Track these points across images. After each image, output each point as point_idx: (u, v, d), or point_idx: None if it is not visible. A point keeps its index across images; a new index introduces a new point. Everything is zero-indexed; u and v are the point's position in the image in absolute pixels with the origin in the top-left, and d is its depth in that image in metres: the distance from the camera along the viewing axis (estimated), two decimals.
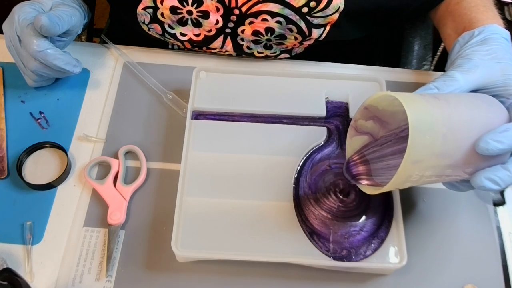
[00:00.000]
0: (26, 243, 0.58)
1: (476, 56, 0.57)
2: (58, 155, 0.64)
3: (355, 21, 0.69)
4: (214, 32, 0.70)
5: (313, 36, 0.68)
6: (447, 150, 0.46)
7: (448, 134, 0.46)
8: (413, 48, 0.85)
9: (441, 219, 0.61)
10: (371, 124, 0.56)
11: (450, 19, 0.67)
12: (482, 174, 0.48)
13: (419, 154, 0.45)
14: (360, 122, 0.56)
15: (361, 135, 0.56)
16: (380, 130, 0.56)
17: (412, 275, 0.57)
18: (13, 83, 0.69)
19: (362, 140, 0.57)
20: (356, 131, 0.56)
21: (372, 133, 0.56)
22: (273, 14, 0.66)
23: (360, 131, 0.56)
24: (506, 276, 0.58)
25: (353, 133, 0.56)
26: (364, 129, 0.56)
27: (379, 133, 0.56)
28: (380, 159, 0.55)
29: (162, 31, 0.70)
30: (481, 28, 0.60)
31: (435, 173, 0.48)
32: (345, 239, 0.56)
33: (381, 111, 0.54)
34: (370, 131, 0.56)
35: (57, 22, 0.60)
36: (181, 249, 0.55)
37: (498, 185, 0.47)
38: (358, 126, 0.56)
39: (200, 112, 0.64)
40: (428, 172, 0.47)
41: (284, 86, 0.67)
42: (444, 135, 0.46)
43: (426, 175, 0.47)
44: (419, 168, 0.46)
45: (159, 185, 0.62)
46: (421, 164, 0.46)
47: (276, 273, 0.57)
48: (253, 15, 0.66)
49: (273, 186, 0.59)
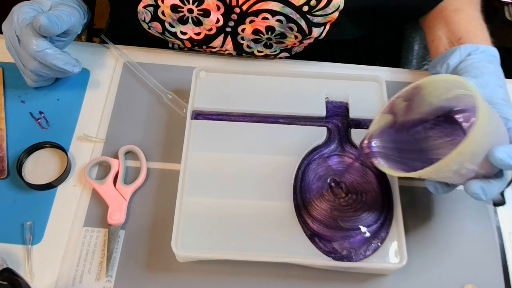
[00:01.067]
0: (26, 243, 0.58)
1: (486, 72, 0.58)
2: (58, 155, 0.64)
3: (354, 20, 0.69)
4: (214, 31, 0.70)
5: (313, 35, 0.68)
6: (478, 151, 0.47)
7: (485, 136, 0.47)
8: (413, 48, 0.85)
9: (441, 219, 0.61)
10: (403, 105, 0.55)
11: (443, 23, 0.68)
12: (479, 183, 0.49)
13: (470, 147, 0.45)
14: (398, 100, 0.55)
15: (388, 114, 0.56)
16: (403, 114, 0.56)
17: (412, 275, 0.57)
18: (13, 83, 0.69)
19: (387, 119, 0.56)
20: (391, 108, 0.56)
21: (396, 114, 0.56)
22: (273, 13, 0.66)
23: (391, 110, 0.56)
24: (506, 276, 0.58)
25: (388, 109, 0.56)
26: (394, 108, 0.56)
27: (400, 117, 0.56)
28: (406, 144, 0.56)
29: (163, 29, 0.70)
30: (485, 47, 0.61)
31: (457, 168, 0.48)
32: (345, 239, 0.56)
33: (420, 96, 0.54)
34: (397, 112, 0.56)
35: (56, 22, 0.60)
36: (181, 249, 0.55)
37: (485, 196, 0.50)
38: (395, 104, 0.55)
39: (200, 112, 0.64)
40: (455, 166, 0.47)
41: (284, 86, 0.67)
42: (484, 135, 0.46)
43: (453, 169, 0.48)
44: (457, 161, 0.46)
45: (159, 185, 0.62)
46: (460, 157, 0.46)
47: (276, 273, 0.57)
48: (253, 14, 0.66)
49: (273, 186, 0.59)
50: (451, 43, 0.66)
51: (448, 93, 0.53)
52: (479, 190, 0.49)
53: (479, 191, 0.49)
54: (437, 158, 0.47)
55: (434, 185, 0.54)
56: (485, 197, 0.50)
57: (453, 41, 0.65)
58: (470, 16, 0.67)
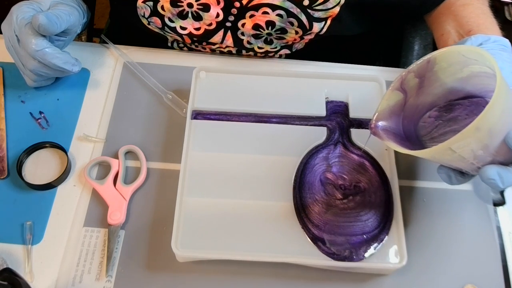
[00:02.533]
0: (26, 243, 0.58)
1: (499, 59, 0.57)
2: (58, 155, 0.64)
3: (356, 15, 0.69)
4: (214, 26, 0.70)
5: (314, 30, 0.68)
6: (496, 130, 0.45)
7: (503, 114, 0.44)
8: (413, 48, 0.85)
9: (441, 219, 0.61)
10: (415, 82, 0.54)
11: (452, 18, 0.67)
12: (496, 168, 0.47)
13: (488, 122, 0.43)
14: (410, 76, 0.53)
15: (399, 92, 0.54)
16: (415, 93, 0.54)
17: (412, 275, 0.57)
18: (13, 83, 0.69)
19: (398, 97, 0.55)
20: (401, 84, 0.54)
21: (407, 93, 0.55)
22: (273, 7, 0.66)
23: (402, 87, 0.54)
24: (506, 276, 0.58)
25: (398, 85, 0.54)
26: (405, 86, 0.54)
27: (411, 98, 0.54)
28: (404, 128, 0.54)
29: (162, 24, 0.70)
30: (497, 37, 0.60)
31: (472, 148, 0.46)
32: (345, 239, 0.56)
33: (433, 73, 0.52)
34: (408, 90, 0.54)
35: (55, 21, 0.60)
36: (181, 249, 0.55)
37: (502, 184, 0.47)
38: (406, 79, 0.53)
39: (200, 112, 0.64)
40: (470, 146, 0.45)
41: (284, 86, 0.67)
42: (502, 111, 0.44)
43: (468, 149, 0.45)
44: (473, 138, 0.44)
45: (159, 185, 0.62)
46: (478, 134, 0.44)
47: (276, 273, 0.57)
48: (253, 8, 0.66)
49: (273, 186, 0.59)
50: (461, 36, 0.64)
51: (463, 71, 0.50)
52: (496, 175, 0.47)
53: (496, 176, 0.47)
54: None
55: (447, 173, 0.52)
56: (502, 184, 0.47)
57: (462, 34, 0.64)
58: (479, 9, 0.66)
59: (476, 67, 0.49)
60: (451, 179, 0.52)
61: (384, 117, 0.55)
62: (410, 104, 0.55)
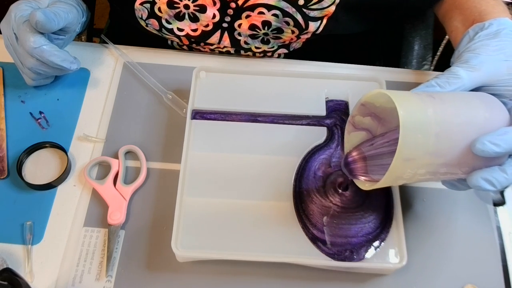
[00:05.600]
0: (26, 243, 0.58)
1: (484, 51, 0.56)
2: (58, 155, 0.64)
3: (352, 14, 0.69)
4: (211, 27, 0.70)
5: (310, 29, 0.68)
6: (440, 149, 0.46)
7: (441, 133, 0.46)
8: (413, 48, 0.85)
9: (441, 219, 0.61)
10: (369, 120, 0.55)
11: (457, 12, 0.67)
12: (479, 174, 0.48)
13: (411, 152, 0.45)
14: (357, 118, 0.55)
15: (359, 131, 0.56)
16: (378, 127, 0.56)
17: (412, 275, 0.57)
18: (13, 83, 0.69)
19: (360, 136, 0.56)
20: (354, 127, 0.56)
21: (371, 130, 0.56)
22: (269, 7, 0.66)
23: (358, 127, 0.56)
24: (506, 276, 0.58)
25: (351, 128, 0.56)
26: (362, 125, 0.56)
27: (377, 130, 0.56)
28: (377, 156, 0.55)
29: (160, 26, 0.70)
30: (491, 21, 0.59)
31: (428, 171, 0.47)
32: (345, 239, 0.56)
33: (379, 108, 0.54)
34: (369, 128, 0.56)
35: (52, 18, 0.60)
36: (181, 249, 0.55)
37: (494, 186, 0.47)
38: (355, 122, 0.56)
39: (200, 112, 0.64)
40: (421, 170, 0.47)
41: (284, 86, 0.67)
42: (437, 134, 0.45)
43: (420, 173, 0.47)
44: (412, 166, 0.46)
45: (159, 185, 0.62)
46: (413, 162, 0.46)
47: (276, 273, 0.57)
48: (249, 8, 0.66)
49: (273, 186, 0.59)
50: (467, 28, 0.63)
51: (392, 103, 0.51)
52: (481, 181, 0.47)
53: (482, 182, 0.47)
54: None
55: (450, 183, 0.53)
56: (492, 186, 0.47)
57: (467, 26, 0.63)
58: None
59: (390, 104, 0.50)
60: (457, 186, 0.53)
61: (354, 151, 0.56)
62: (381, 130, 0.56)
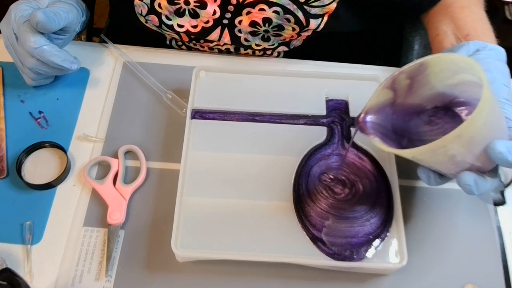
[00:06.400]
0: (26, 243, 0.58)
1: (494, 68, 0.57)
2: (58, 154, 0.64)
3: (354, 12, 0.69)
4: (211, 24, 0.70)
5: (310, 26, 0.68)
6: (476, 139, 0.46)
7: (485, 125, 0.45)
8: (413, 47, 0.85)
9: (441, 219, 0.61)
10: (404, 82, 0.54)
11: (448, 19, 0.67)
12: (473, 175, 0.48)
13: (469, 131, 0.44)
14: (402, 76, 0.53)
15: (389, 90, 0.55)
16: (403, 95, 0.55)
17: (412, 275, 0.57)
18: (12, 83, 0.69)
19: (387, 95, 0.55)
20: (392, 83, 0.54)
21: (397, 93, 0.55)
22: (270, 4, 0.66)
23: (392, 86, 0.55)
24: (506, 276, 0.58)
25: (389, 84, 0.54)
26: (396, 85, 0.54)
27: (400, 97, 0.55)
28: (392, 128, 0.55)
29: (159, 22, 0.70)
30: (494, 46, 0.60)
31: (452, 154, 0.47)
32: (345, 240, 0.56)
33: (424, 76, 0.53)
34: (398, 90, 0.55)
35: (53, 18, 0.60)
36: (181, 249, 0.54)
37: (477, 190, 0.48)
38: (397, 79, 0.54)
39: (200, 111, 0.64)
40: (451, 151, 0.46)
41: (284, 85, 0.67)
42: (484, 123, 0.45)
43: (448, 154, 0.47)
44: (454, 144, 0.45)
45: (159, 185, 0.62)
46: (459, 141, 0.45)
47: (276, 273, 0.57)
48: (250, 5, 0.66)
49: (273, 186, 0.59)
50: (458, 39, 0.65)
51: (453, 78, 0.51)
52: (472, 182, 0.48)
53: (472, 183, 0.48)
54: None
55: (427, 174, 0.53)
56: (476, 191, 0.48)
57: (460, 37, 0.64)
58: (476, 14, 0.66)
59: (467, 76, 0.50)
60: (430, 180, 0.53)
61: (372, 112, 0.55)
62: (398, 103, 0.56)
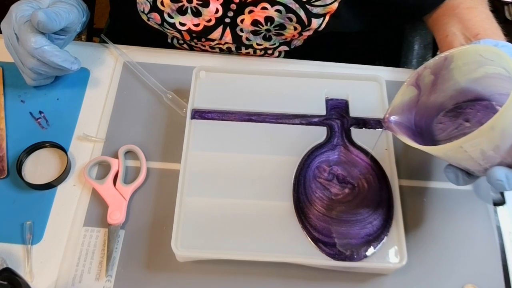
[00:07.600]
0: (26, 242, 0.58)
1: None
2: (58, 154, 0.64)
3: (354, 12, 0.69)
4: (213, 22, 0.70)
5: (312, 26, 0.68)
6: (509, 131, 0.45)
7: None
8: (413, 47, 0.85)
9: (441, 219, 0.61)
10: (428, 79, 0.54)
11: (456, 20, 0.67)
12: (504, 170, 0.47)
13: (502, 123, 0.43)
14: (426, 72, 0.53)
15: (414, 87, 0.54)
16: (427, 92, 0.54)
17: (412, 275, 0.57)
18: (13, 83, 0.69)
19: (412, 93, 0.54)
20: (416, 79, 0.54)
21: (421, 90, 0.54)
22: (272, 3, 0.66)
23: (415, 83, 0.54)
24: (506, 276, 0.58)
25: (413, 80, 0.54)
26: (420, 81, 0.54)
27: (424, 95, 0.54)
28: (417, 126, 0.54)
29: (162, 20, 0.70)
30: (505, 43, 0.60)
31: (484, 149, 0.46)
32: (346, 239, 0.56)
33: (448, 71, 0.52)
34: (422, 87, 0.54)
35: (54, 18, 0.60)
36: (181, 249, 0.55)
37: (509, 186, 0.47)
38: (422, 75, 0.53)
39: (200, 111, 0.64)
40: (481, 145, 0.45)
41: (284, 85, 0.67)
42: None
43: (479, 149, 0.46)
44: (486, 137, 0.45)
45: (159, 185, 0.62)
46: (491, 133, 0.44)
47: (276, 273, 0.57)
48: (252, 4, 0.66)
49: (273, 186, 0.59)
50: (468, 38, 0.64)
51: (477, 71, 0.50)
52: (504, 177, 0.47)
53: (504, 178, 0.47)
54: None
55: (455, 173, 0.52)
56: (508, 186, 0.47)
57: (469, 37, 0.64)
58: (484, 13, 0.66)
59: (491, 68, 0.49)
60: (458, 179, 0.52)
61: (397, 112, 0.55)
62: (422, 101, 0.55)
